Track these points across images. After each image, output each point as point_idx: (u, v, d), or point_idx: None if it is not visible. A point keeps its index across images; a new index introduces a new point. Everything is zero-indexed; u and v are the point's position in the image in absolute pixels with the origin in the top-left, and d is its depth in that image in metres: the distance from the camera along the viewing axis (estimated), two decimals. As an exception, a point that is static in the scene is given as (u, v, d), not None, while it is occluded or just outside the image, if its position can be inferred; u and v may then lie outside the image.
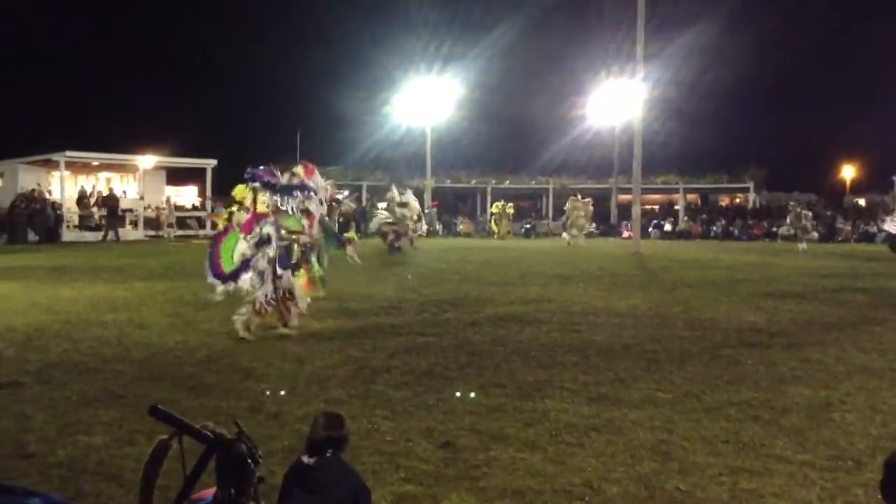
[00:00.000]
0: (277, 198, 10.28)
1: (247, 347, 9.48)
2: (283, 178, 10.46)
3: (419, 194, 34.99)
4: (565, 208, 36.30)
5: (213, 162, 36.83)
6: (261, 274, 10.13)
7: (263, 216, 10.30)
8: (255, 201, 10.48)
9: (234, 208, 10.90)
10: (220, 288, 10.14)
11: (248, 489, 2.37)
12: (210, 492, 2.48)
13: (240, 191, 10.82)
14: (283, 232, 10.29)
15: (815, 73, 54.40)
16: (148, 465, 2.49)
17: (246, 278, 10.04)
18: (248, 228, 10.26)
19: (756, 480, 5.20)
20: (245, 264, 10.07)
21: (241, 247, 10.21)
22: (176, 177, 41.98)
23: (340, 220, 42.15)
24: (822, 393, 7.49)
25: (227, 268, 10.11)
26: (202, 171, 37.94)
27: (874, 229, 39.43)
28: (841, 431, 6.30)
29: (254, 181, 10.50)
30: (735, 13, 46.98)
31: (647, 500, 4.90)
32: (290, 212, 10.34)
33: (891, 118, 47.27)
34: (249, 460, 2.38)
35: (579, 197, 36.05)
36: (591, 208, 35.62)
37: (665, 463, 5.53)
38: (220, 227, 11.01)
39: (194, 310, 12.07)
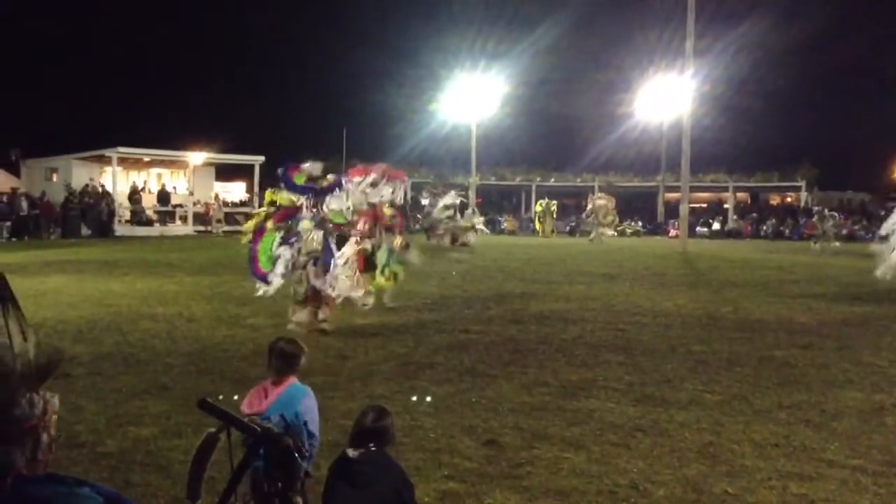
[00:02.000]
0: (306, 199, 10.28)
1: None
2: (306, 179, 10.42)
3: (464, 191, 35.02)
4: (590, 206, 36.16)
5: (261, 158, 37.29)
6: (294, 266, 10.13)
7: (296, 210, 10.30)
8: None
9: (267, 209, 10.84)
10: (262, 288, 10.20)
11: (295, 483, 2.39)
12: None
13: (269, 195, 10.80)
14: (329, 225, 10.29)
15: (867, 70, 53.05)
16: (196, 458, 2.52)
17: (278, 274, 10.07)
18: (280, 218, 10.27)
19: (806, 485, 5.08)
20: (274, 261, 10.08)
21: (278, 247, 10.21)
22: (225, 173, 42.62)
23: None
24: (875, 397, 7.29)
25: (265, 267, 10.16)
26: (250, 167, 38.45)
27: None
28: (894, 436, 6.13)
29: (284, 183, 10.44)
30: (786, 8, 45.98)
31: (694, 503, 4.82)
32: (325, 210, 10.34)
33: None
34: (297, 454, 2.39)
35: (603, 194, 36.05)
36: (612, 205, 35.59)
37: (713, 466, 5.43)
38: (255, 226, 10.92)
39: (241, 304, 12.23)
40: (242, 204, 40.49)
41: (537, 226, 42.21)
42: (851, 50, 50.14)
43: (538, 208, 42.57)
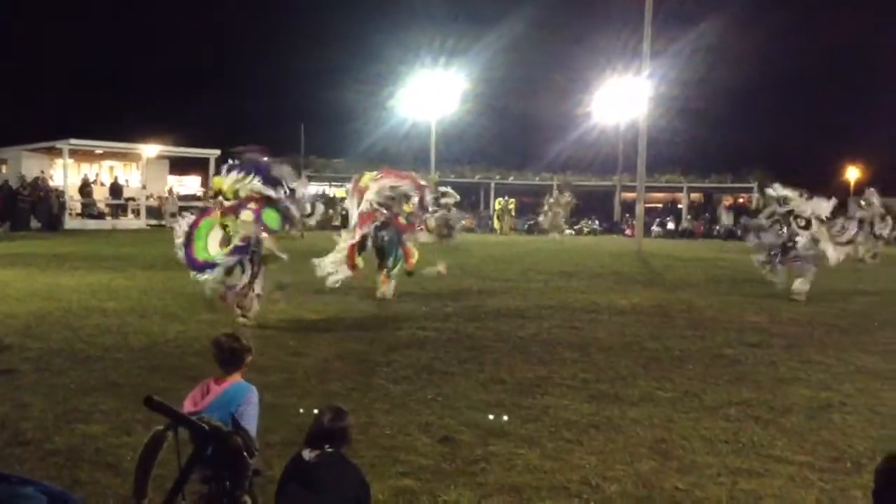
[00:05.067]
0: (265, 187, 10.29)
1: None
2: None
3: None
4: (545, 206, 36.63)
5: (217, 152, 36.71)
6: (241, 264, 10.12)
7: (247, 202, 10.26)
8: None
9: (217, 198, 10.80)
10: (193, 275, 10.15)
11: (242, 482, 2.36)
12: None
13: (217, 182, 10.81)
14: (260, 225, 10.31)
15: (821, 73, 54.23)
16: (143, 456, 2.48)
17: (218, 271, 10.00)
18: (231, 211, 10.21)
19: (755, 481, 5.18)
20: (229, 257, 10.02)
21: (215, 235, 10.14)
22: (179, 166, 41.96)
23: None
24: (822, 394, 7.47)
25: (199, 256, 10.07)
26: (205, 161, 37.88)
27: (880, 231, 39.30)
28: (840, 433, 6.28)
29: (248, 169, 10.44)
30: (742, 11, 46.79)
31: (646, 499, 4.88)
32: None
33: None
34: (245, 453, 2.36)
35: (559, 193, 36.49)
36: (570, 202, 35.99)
37: (664, 462, 5.51)
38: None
39: (195, 300, 12.05)
40: (197, 198, 39.92)
41: (496, 224, 42.36)
42: (804, 53, 51.24)
43: (497, 206, 42.73)
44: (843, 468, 5.46)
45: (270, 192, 10.27)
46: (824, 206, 14.84)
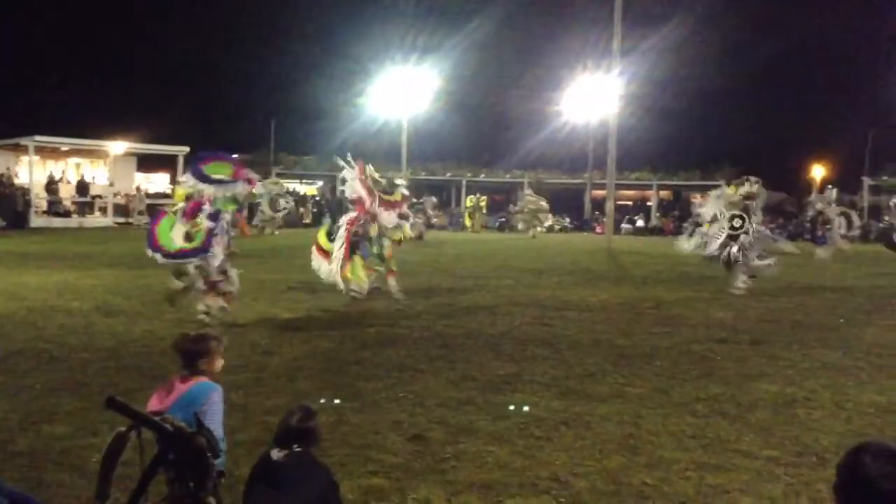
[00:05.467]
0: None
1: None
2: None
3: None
4: (519, 204, 36.97)
5: (186, 149, 36.36)
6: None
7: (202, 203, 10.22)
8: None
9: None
10: (161, 260, 10.08)
11: (207, 483, 2.33)
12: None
13: (178, 193, 10.82)
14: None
15: (788, 73, 54.98)
16: (106, 457, 2.45)
17: (194, 260, 9.96)
18: (190, 213, 10.14)
19: (722, 476, 5.24)
20: (199, 250, 9.95)
21: (179, 228, 10.06)
22: (147, 164, 41.47)
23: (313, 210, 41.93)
24: (788, 389, 7.57)
25: (163, 241, 9.99)
26: (174, 158, 37.51)
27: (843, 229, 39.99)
28: (806, 428, 6.37)
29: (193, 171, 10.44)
30: (709, 11, 47.25)
31: (614, 495, 4.91)
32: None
33: (861, 118, 47.96)
34: (209, 454, 2.33)
35: (531, 192, 36.86)
36: (543, 204, 36.34)
37: (632, 457, 5.55)
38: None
39: (162, 298, 11.91)
40: (165, 196, 39.50)
41: (467, 221, 42.43)
42: (771, 52, 51.86)
43: (468, 204, 42.82)
44: (808, 462, 5.53)
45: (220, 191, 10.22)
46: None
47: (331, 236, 12.72)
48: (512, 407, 6.60)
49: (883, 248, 25.84)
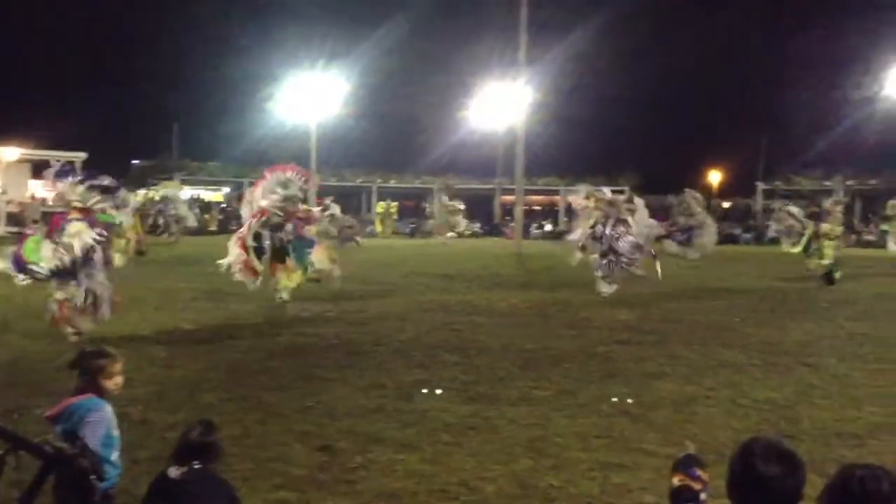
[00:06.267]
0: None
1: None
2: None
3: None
4: (435, 210, 37.22)
5: (83, 155, 34.96)
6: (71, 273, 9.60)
7: (69, 214, 9.81)
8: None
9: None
10: (13, 274, 9.62)
11: None
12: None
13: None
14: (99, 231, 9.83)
15: (687, 82, 57.01)
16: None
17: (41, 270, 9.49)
18: (56, 225, 9.73)
19: (625, 475, 5.36)
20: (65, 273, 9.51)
21: (46, 247, 9.56)
22: (42, 170, 39.66)
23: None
24: (687, 388, 7.82)
25: (27, 255, 9.51)
26: (71, 164, 35.99)
27: (738, 231, 41.84)
28: (705, 425, 6.59)
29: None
30: (612, 22, 48.58)
31: (522, 498, 4.96)
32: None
33: (754, 126, 50.21)
34: (93, 476, 2.23)
35: (446, 197, 37.21)
36: (459, 207, 36.72)
37: (539, 459, 5.62)
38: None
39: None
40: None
41: (378, 227, 42.29)
42: (671, 62, 53.74)
43: (379, 209, 42.69)
44: (707, 460, 5.69)
45: (97, 201, 9.82)
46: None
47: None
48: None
49: (776, 251, 27.19)
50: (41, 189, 38.93)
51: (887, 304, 14.56)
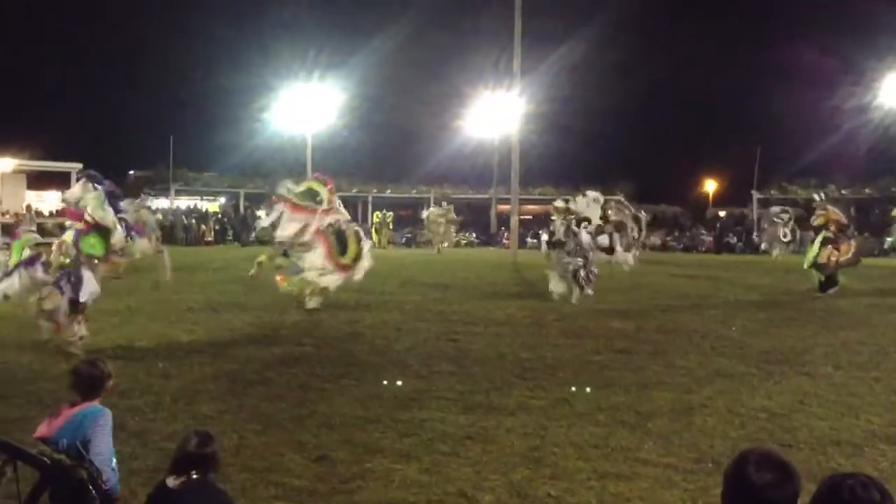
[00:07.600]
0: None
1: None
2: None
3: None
4: (424, 219, 37.33)
5: (79, 166, 34.90)
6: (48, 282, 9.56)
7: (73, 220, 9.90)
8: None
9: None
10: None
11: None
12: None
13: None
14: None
15: (681, 91, 57.21)
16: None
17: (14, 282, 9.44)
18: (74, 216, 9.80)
19: (623, 484, 5.36)
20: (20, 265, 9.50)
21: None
22: (38, 181, 39.60)
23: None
24: (684, 397, 7.82)
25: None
26: (66, 175, 35.92)
27: (734, 240, 41.91)
28: (702, 434, 6.59)
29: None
30: (605, 32, 48.77)
31: (519, 508, 4.96)
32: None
33: (749, 135, 50.35)
34: (91, 487, 2.23)
35: (443, 205, 37.21)
36: (453, 216, 36.72)
37: (537, 469, 5.62)
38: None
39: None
40: (59, 214, 37.79)
41: (374, 237, 42.24)
42: (665, 71, 53.94)
43: (375, 219, 42.67)
44: (705, 469, 5.72)
45: (103, 215, 9.82)
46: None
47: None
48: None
49: (768, 258, 27.37)
50: (37, 200, 39.03)
51: (884, 313, 14.59)
